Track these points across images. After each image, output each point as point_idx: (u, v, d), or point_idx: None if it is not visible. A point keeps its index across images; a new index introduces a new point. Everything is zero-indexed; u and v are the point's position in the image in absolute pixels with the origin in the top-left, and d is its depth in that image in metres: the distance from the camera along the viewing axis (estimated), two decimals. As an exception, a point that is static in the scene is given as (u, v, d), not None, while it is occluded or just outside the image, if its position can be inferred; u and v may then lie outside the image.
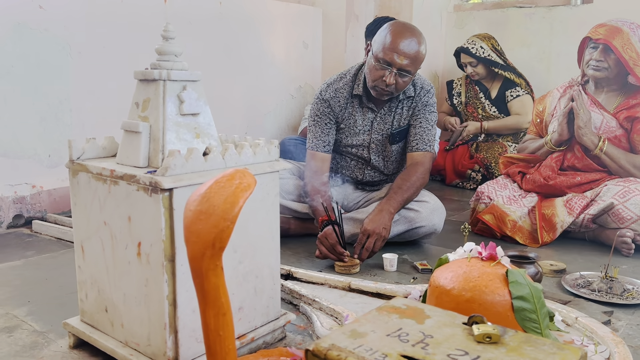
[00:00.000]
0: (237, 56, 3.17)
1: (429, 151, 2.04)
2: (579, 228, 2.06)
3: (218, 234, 0.80)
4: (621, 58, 2.05)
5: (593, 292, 1.57)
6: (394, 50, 1.84)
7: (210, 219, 0.80)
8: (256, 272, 1.18)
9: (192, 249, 0.82)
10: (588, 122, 2.08)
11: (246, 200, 0.82)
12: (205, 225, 0.81)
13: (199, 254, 0.81)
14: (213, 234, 0.80)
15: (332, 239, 1.75)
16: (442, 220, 2.00)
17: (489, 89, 3.38)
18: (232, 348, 0.86)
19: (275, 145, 1.22)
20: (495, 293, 1.12)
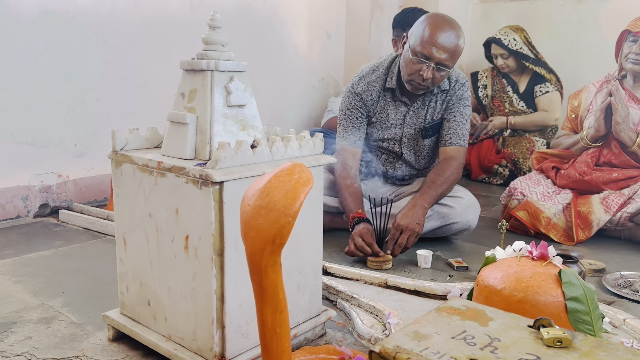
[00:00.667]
0: (261, 46, 3.14)
1: (463, 146, 2.00)
2: (615, 226, 2.01)
3: (279, 230, 0.77)
4: None
5: (635, 292, 1.53)
6: (432, 44, 1.79)
7: (271, 214, 0.78)
8: (299, 268, 1.16)
9: (252, 244, 0.80)
10: (626, 118, 2.03)
11: (306, 195, 0.79)
12: (265, 220, 0.78)
13: (258, 249, 0.79)
14: (274, 230, 0.77)
15: (369, 238, 1.72)
16: (477, 216, 1.97)
17: (517, 82, 3.32)
18: (287, 346, 0.84)
19: (320, 139, 1.19)
20: (548, 294, 1.09)
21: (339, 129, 2.04)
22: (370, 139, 2.07)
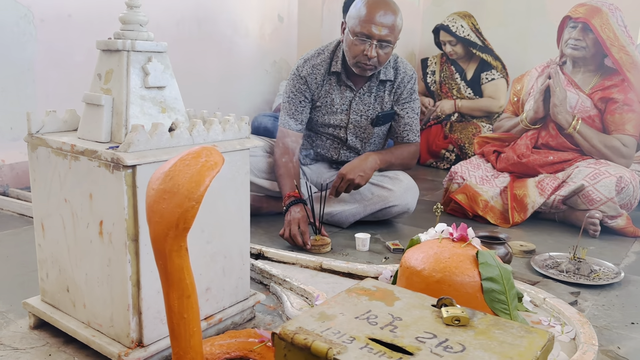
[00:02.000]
0: (209, 28, 3.08)
1: (418, 141, 2.09)
2: (549, 209, 2.08)
3: (182, 214, 0.76)
4: (599, 37, 2.05)
5: (561, 273, 1.59)
6: (371, 22, 1.80)
7: (174, 199, 0.77)
8: (224, 252, 1.15)
9: (155, 229, 0.79)
10: (563, 101, 2.09)
11: (212, 180, 0.78)
12: (168, 204, 0.77)
13: (161, 234, 0.78)
14: (177, 214, 0.76)
15: (304, 226, 1.73)
16: (415, 199, 2.00)
17: (465, 69, 3.37)
18: (196, 330, 0.84)
19: (246, 122, 1.18)
20: (465, 274, 1.12)
21: (282, 112, 2.03)
22: (315, 123, 2.07)
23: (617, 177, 1.92)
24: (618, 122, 2.08)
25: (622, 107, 2.07)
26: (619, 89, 2.08)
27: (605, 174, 1.94)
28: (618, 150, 2.06)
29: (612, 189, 1.91)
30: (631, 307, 1.40)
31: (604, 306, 1.40)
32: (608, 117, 2.10)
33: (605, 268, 1.62)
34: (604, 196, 1.92)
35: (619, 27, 2.06)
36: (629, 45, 2.07)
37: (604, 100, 2.10)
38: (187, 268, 0.80)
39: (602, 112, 2.12)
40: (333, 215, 1.98)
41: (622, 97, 2.07)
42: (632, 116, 2.07)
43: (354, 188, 1.87)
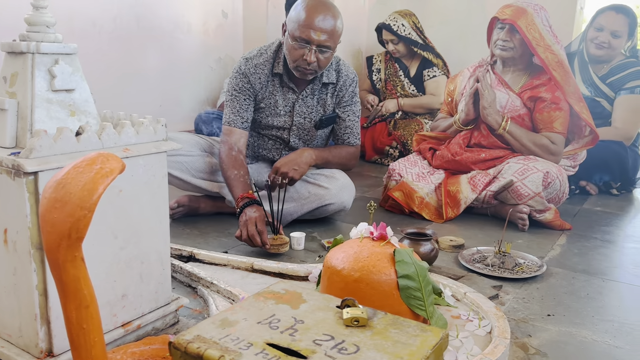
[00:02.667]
0: (148, 25, 3.01)
1: (358, 144, 2.11)
2: (481, 204, 2.15)
3: (74, 224, 0.74)
4: (525, 38, 2.12)
5: (487, 266, 1.64)
6: (310, 27, 1.79)
7: (66, 208, 0.75)
8: (142, 258, 1.14)
9: (47, 239, 0.76)
10: (492, 103, 2.15)
11: (107, 187, 0.77)
12: (60, 214, 0.75)
13: (54, 244, 0.76)
14: (69, 224, 0.75)
15: (261, 225, 1.70)
16: (352, 197, 2.02)
17: (408, 67, 3.42)
18: (98, 341, 0.82)
19: (163, 124, 1.16)
20: (382, 272, 1.14)
21: (226, 110, 2.00)
22: (258, 124, 2.06)
23: (544, 172, 1.99)
24: (546, 120, 2.16)
25: (550, 106, 2.15)
26: (546, 87, 2.16)
27: (533, 170, 2.01)
28: (547, 147, 2.14)
29: (539, 184, 1.99)
30: (550, 299, 1.46)
31: (524, 299, 1.46)
32: (537, 116, 2.18)
33: (529, 261, 1.69)
34: (532, 191, 1.99)
35: (544, 27, 2.14)
36: (554, 44, 2.15)
37: (533, 99, 2.18)
38: (83, 278, 0.78)
39: (532, 110, 2.19)
40: (270, 215, 1.98)
41: (550, 96, 2.15)
42: (559, 114, 2.15)
43: (288, 183, 1.87)
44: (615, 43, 2.62)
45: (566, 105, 2.14)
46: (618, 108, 2.65)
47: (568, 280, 1.59)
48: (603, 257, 1.80)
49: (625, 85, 2.64)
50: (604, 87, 2.68)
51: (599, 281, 1.59)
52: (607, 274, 1.65)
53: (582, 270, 1.67)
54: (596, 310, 1.40)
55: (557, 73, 2.13)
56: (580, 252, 1.83)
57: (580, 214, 2.31)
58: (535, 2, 2.21)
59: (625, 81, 2.65)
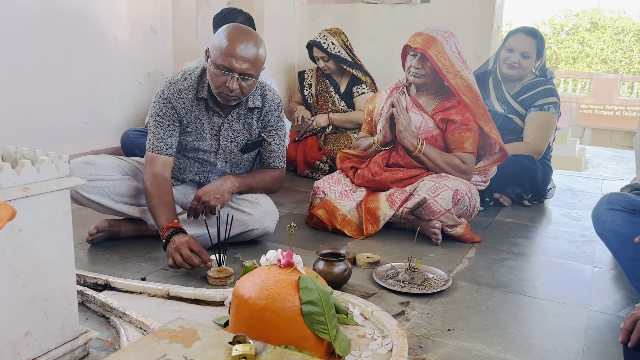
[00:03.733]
0: (70, 40, 2.95)
1: (283, 167, 2.16)
2: (399, 220, 2.25)
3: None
4: (435, 66, 2.24)
5: (398, 282, 1.73)
6: (232, 56, 1.81)
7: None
8: (45, 295, 1.14)
9: None
10: (408, 126, 2.25)
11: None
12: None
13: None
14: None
15: (197, 246, 1.71)
16: (274, 222, 2.06)
17: (339, 83, 3.52)
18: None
19: (65, 161, 1.17)
20: (287, 300, 1.19)
21: (150, 136, 1.98)
22: (184, 148, 2.06)
23: (454, 190, 2.12)
24: (457, 141, 2.29)
25: (461, 127, 2.28)
26: (457, 110, 2.29)
27: (444, 188, 2.13)
28: (458, 167, 2.26)
29: (450, 201, 2.11)
30: (452, 314, 1.56)
31: (428, 314, 1.55)
32: (449, 137, 2.31)
33: (437, 276, 1.79)
34: (443, 208, 2.11)
35: (453, 54, 2.27)
36: (463, 70, 2.28)
37: (445, 121, 2.31)
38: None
39: (444, 131, 2.32)
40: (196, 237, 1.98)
41: (460, 118, 2.28)
42: (469, 135, 2.29)
43: (209, 211, 1.90)
44: (525, 63, 2.81)
45: (475, 126, 2.29)
46: (528, 124, 2.84)
47: (471, 294, 1.70)
48: (507, 270, 1.93)
49: (535, 102, 2.83)
50: (515, 104, 2.87)
51: (499, 294, 1.72)
52: (508, 286, 1.78)
53: (486, 283, 1.79)
54: (493, 323, 1.52)
55: (466, 97, 2.26)
56: (487, 265, 1.96)
57: (492, 226, 2.46)
58: (444, 29, 2.33)
59: (535, 99, 2.84)
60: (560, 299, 1.70)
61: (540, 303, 1.67)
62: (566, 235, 2.37)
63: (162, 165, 1.95)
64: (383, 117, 2.32)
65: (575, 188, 3.35)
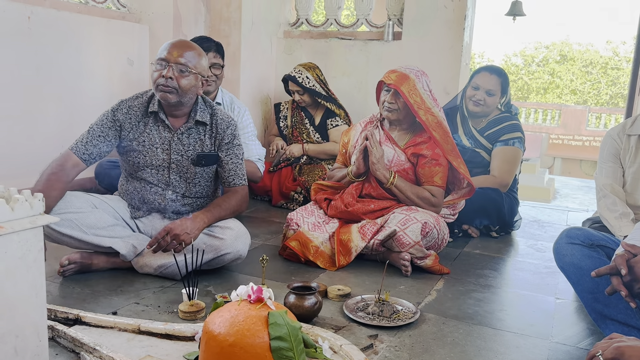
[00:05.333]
0: (48, 73, 2.98)
1: (244, 184, 2.21)
2: (370, 251, 2.30)
3: None
4: (407, 102, 2.33)
5: (368, 315, 1.77)
6: (167, 49, 2.00)
7: None
8: (16, 332, 1.15)
9: None
10: (380, 159, 2.33)
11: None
12: None
13: None
14: None
15: None
16: (247, 245, 2.10)
17: (314, 115, 3.60)
18: None
19: (40, 199, 1.19)
20: (256, 336, 1.22)
21: (78, 137, 2.07)
22: (137, 167, 2.12)
23: (423, 222, 2.19)
24: (427, 175, 2.37)
25: (431, 162, 2.36)
26: (427, 145, 2.38)
27: (413, 220, 2.20)
28: (428, 200, 2.34)
29: (418, 233, 2.17)
30: (419, 347, 1.61)
31: (395, 347, 1.59)
32: (419, 170, 2.39)
33: (405, 308, 1.84)
34: (412, 240, 2.17)
35: (424, 91, 2.37)
36: (433, 107, 2.38)
37: (416, 155, 2.39)
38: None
39: (415, 165, 2.40)
40: (166, 268, 2.01)
41: (430, 153, 2.36)
42: (439, 169, 2.37)
43: (178, 244, 1.92)
44: (489, 100, 2.93)
45: (445, 161, 2.37)
46: (495, 158, 2.94)
47: (438, 326, 1.75)
48: (474, 302, 1.99)
49: (501, 137, 2.94)
50: (482, 139, 2.98)
51: (465, 326, 1.77)
52: (474, 318, 1.84)
53: (453, 315, 1.85)
54: (458, 355, 1.57)
55: (436, 133, 2.35)
56: (454, 297, 2.02)
57: (460, 257, 2.53)
58: (417, 67, 2.44)
59: (500, 134, 2.95)
60: (523, 330, 1.77)
61: (505, 335, 1.73)
62: (531, 267, 2.45)
63: (71, 165, 2.01)
64: (357, 150, 2.40)
65: (541, 219, 3.46)
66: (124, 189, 2.20)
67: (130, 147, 2.09)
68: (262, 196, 3.55)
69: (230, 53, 3.66)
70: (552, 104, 19.45)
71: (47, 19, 2.93)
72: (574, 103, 23.32)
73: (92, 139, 2.04)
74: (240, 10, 3.70)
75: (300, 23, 4.17)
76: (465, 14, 3.54)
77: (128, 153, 2.11)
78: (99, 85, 3.30)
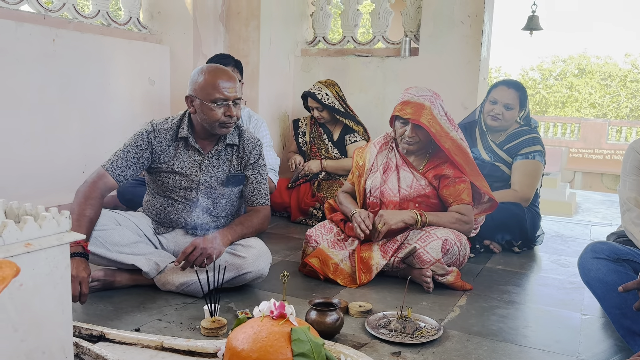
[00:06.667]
0: (72, 93, 3.05)
1: (267, 204, 2.23)
2: (391, 268, 2.28)
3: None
4: (430, 132, 2.25)
5: (390, 332, 1.76)
6: (222, 87, 2.00)
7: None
8: (43, 349, 1.16)
9: None
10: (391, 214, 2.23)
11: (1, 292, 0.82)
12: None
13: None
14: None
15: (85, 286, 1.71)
16: (268, 264, 2.11)
17: (332, 131, 3.61)
18: None
19: (66, 217, 1.21)
20: (279, 352, 1.22)
21: (112, 156, 2.09)
22: (166, 187, 2.14)
23: (443, 240, 2.16)
24: (454, 194, 2.31)
25: (454, 181, 2.30)
26: (447, 164, 2.32)
27: (433, 237, 2.18)
28: (460, 220, 2.28)
29: (439, 250, 2.15)
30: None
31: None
32: (444, 192, 2.32)
33: (428, 325, 1.82)
34: (433, 257, 2.15)
35: (441, 117, 2.30)
36: (451, 130, 2.31)
37: (438, 177, 2.33)
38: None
39: (437, 188, 2.34)
40: (188, 285, 2.02)
41: (452, 172, 2.30)
42: (464, 186, 2.31)
43: (206, 258, 1.93)
44: (508, 114, 2.91)
45: (462, 171, 2.33)
46: (515, 172, 2.91)
47: (462, 343, 1.72)
48: (498, 318, 1.96)
49: (521, 151, 2.92)
50: (502, 153, 2.95)
51: (490, 343, 1.74)
52: (498, 335, 1.81)
53: (477, 332, 1.82)
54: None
55: (458, 157, 2.29)
56: (477, 313, 1.99)
57: (483, 273, 2.50)
58: (429, 91, 2.32)
59: (520, 147, 2.93)
60: (549, 347, 1.73)
61: (530, 352, 1.69)
62: (555, 282, 2.41)
63: (105, 185, 2.02)
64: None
65: (564, 234, 3.40)
66: (149, 205, 2.23)
67: (160, 169, 2.12)
68: (280, 212, 3.55)
69: (249, 72, 3.72)
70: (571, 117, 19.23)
71: (71, 41, 3.01)
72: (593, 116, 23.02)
73: (128, 161, 2.06)
74: (258, 30, 3.76)
75: (318, 41, 4.21)
76: (483, 28, 3.55)
77: (157, 174, 2.14)
78: (121, 105, 3.37)
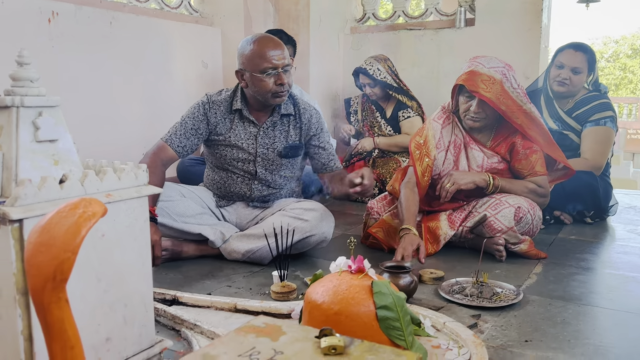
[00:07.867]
0: (130, 76, 3.10)
1: (340, 167, 2.25)
2: (459, 239, 2.20)
3: (58, 266, 0.78)
4: (499, 110, 2.09)
5: (466, 297, 1.68)
6: (270, 56, 1.96)
7: (51, 251, 0.78)
8: (125, 301, 1.16)
9: (33, 282, 0.79)
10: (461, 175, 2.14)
11: (90, 229, 0.81)
12: (45, 257, 0.79)
13: (39, 287, 0.79)
14: (53, 266, 0.78)
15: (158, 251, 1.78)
16: (331, 227, 2.08)
17: (385, 108, 3.54)
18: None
19: (144, 170, 1.21)
20: (361, 304, 1.17)
21: (171, 129, 2.11)
22: (224, 160, 2.13)
23: (516, 207, 2.05)
24: (528, 167, 2.17)
25: (526, 152, 2.16)
26: (517, 134, 2.17)
27: (505, 204, 2.07)
28: (536, 191, 2.16)
29: (511, 218, 2.04)
30: (527, 326, 1.50)
31: (502, 327, 1.49)
32: (516, 165, 2.19)
33: (506, 290, 1.73)
34: (505, 226, 2.04)
35: (514, 90, 2.12)
36: (525, 104, 2.15)
37: (509, 150, 2.19)
38: (68, 319, 0.81)
39: (509, 161, 2.21)
40: (254, 252, 2.01)
41: (522, 142, 2.17)
42: (536, 157, 2.17)
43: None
44: (576, 79, 2.75)
45: (537, 145, 2.17)
46: (586, 140, 2.76)
47: (545, 307, 1.63)
48: (578, 284, 1.85)
49: (591, 117, 2.76)
50: (570, 120, 2.80)
51: (574, 306, 1.64)
52: (582, 299, 1.70)
53: (558, 296, 1.72)
54: (572, 334, 1.44)
55: (532, 131, 2.14)
56: (556, 280, 1.88)
57: (556, 243, 2.37)
58: (502, 63, 2.14)
59: (590, 114, 2.77)
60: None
61: (620, 315, 1.58)
62: (636, 251, 2.26)
63: (165, 156, 2.04)
64: None
65: (637, 206, 3.21)
66: (209, 179, 2.23)
67: (217, 141, 2.12)
68: (336, 191, 3.51)
69: (299, 51, 3.68)
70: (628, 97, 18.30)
71: (127, 23, 3.06)
72: (650, 97, 21.86)
73: (186, 132, 2.07)
74: (308, 8, 3.72)
75: (367, 18, 4.14)
76: (543, -7, 3.38)
77: (215, 146, 2.14)
78: (176, 87, 3.40)
